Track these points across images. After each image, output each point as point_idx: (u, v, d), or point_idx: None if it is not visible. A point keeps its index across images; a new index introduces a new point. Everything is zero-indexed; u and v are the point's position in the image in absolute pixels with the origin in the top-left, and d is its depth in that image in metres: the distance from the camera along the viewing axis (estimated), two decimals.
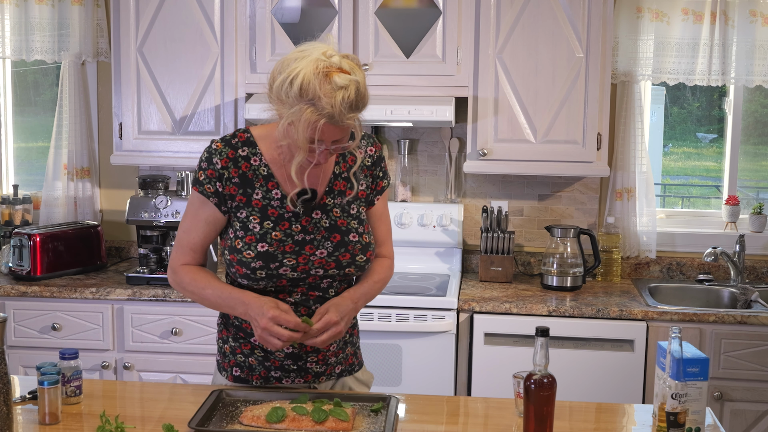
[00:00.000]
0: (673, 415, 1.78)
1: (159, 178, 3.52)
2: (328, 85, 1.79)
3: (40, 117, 4.15)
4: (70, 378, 2.00)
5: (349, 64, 1.84)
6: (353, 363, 2.17)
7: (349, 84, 1.80)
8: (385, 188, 2.14)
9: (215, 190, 1.98)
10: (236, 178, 1.98)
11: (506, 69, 3.39)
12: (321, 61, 1.81)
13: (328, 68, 1.80)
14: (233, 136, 2.00)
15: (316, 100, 1.79)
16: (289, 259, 1.97)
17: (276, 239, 1.97)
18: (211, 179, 1.97)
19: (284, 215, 1.99)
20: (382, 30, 3.41)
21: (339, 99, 1.79)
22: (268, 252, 1.96)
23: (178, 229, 2.08)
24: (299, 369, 2.07)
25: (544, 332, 1.75)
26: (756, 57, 3.56)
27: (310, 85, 1.79)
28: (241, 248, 1.97)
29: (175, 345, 3.32)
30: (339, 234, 2.01)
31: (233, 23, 3.47)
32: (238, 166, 1.98)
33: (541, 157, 3.42)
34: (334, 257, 2.00)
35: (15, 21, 3.79)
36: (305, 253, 1.98)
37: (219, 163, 1.97)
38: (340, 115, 1.80)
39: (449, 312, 3.20)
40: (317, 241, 1.99)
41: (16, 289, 3.34)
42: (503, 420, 1.99)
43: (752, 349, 3.14)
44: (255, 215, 1.98)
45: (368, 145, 2.09)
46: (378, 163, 2.11)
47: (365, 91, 1.85)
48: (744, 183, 3.87)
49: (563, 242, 3.51)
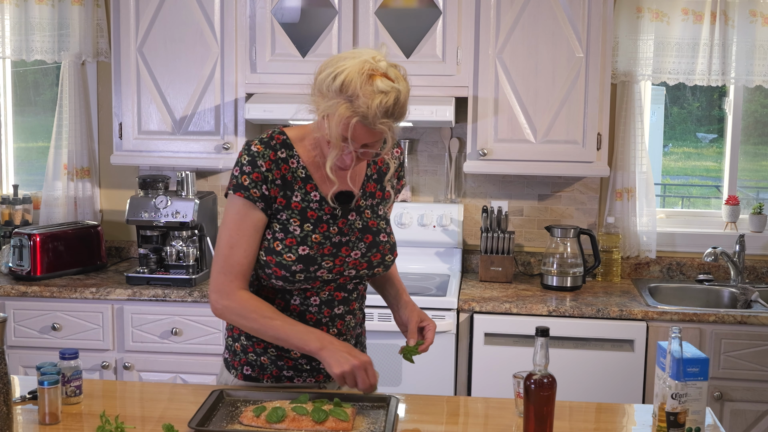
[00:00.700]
0: (673, 415, 1.78)
1: (159, 178, 3.52)
2: (369, 87, 1.80)
3: (40, 117, 4.15)
4: (70, 378, 2.00)
5: (395, 73, 1.85)
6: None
7: (390, 90, 1.81)
8: (402, 189, 2.22)
9: (261, 194, 1.94)
10: (279, 180, 1.96)
11: (506, 69, 3.39)
12: (368, 63, 1.82)
13: (374, 71, 1.82)
14: (270, 138, 1.97)
15: (354, 98, 1.80)
16: (327, 261, 1.98)
17: (316, 242, 1.97)
18: (257, 183, 1.93)
19: (323, 217, 1.99)
20: (382, 30, 3.41)
21: (376, 102, 1.79)
22: (308, 255, 1.96)
23: (217, 244, 1.98)
24: (312, 369, 2.07)
25: (544, 332, 1.75)
26: (756, 57, 3.56)
27: (352, 83, 1.80)
28: (281, 250, 1.95)
29: (175, 345, 3.32)
30: (371, 235, 2.04)
31: (233, 23, 3.47)
32: (279, 168, 1.96)
33: (541, 157, 3.42)
34: (367, 258, 2.03)
35: (15, 21, 3.79)
36: (341, 254, 2.00)
37: (264, 166, 1.94)
38: (374, 118, 1.80)
39: (449, 312, 3.20)
40: (352, 243, 2.01)
41: (16, 289, 3.34)
42: (503, 420, 1.99)
43: (752, 349, 3.14)
44: (295, 218, 1.97)
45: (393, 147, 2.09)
46: (402, 165, 2.19)
47: (405, 102, 1.85)
48: (744, 183, 3.87)
49: (563, 242, 3.51)
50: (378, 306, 3.19)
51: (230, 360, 2.12)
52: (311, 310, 2.02)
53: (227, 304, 1.95)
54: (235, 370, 2.10)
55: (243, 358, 2.09)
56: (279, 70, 3.45)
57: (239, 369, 2.09)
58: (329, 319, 2.04)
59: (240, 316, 1.95)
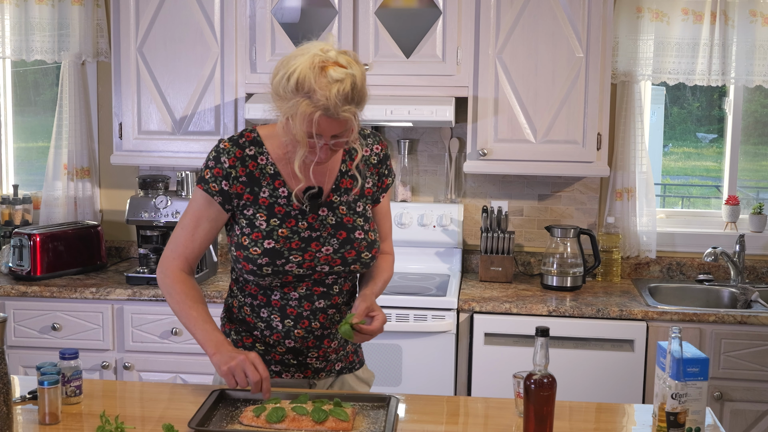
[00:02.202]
0: (673, 415, 1.78)
1: (159, 178, 3.52)
2: (323, 79, 1.81)
3: (40, 117, 4.15)
4: (70, 378, 2.00)
5: (346, 59, 1.86)
6: (354, 361, 2.20)
7: (345, 77, 1.82)
8: (390, 185, 2.18)
9: (220, 189, 2.00)
10: (243, 176, 2.00)
11: (506, 69, 3.39)
12: (317, 56, 1.83)
13: (324, 62, 1.83)
14: (240, 135, 2.03)
15: (312, 93, 1.82)
16: (295, 255, 1.99)
17: (282, 236, 1.99)
18: (217, 178, 2.00)
19: (291, 213, 2.01)
20: (382, 30, 3.41)
21: (334, 91, 1.81)
22: (274, 249, 1.98)
23: (176, 226, 2.09)
24: (299, 364, 2.09)
25: (544, 332, 1.75)
26: (756, 57, 3.56)
27: (306, 79, 1.81)
28: (248, 245, 1.99)
29: (175, 345, 3.32)
30: (345, 231, 2.04)
31: (233, 23, 3.47)
32: (245, 165, 2.00)
33: (541, 157, 3.42)
34: (340, 254, 2.03)
35: (15, 21, 3.79)
36: (311, 249, 2.00)
37: (227, 162, 1.99)
38: (335, 107, 1.82)
39: (449, 312, 3.20)
40: (323, 238, 2.02)
41: (16, 289, 3.34)
42: (503, 420, 1.99)
43: (752, 349, 3.14)
44: (262, 213, 2.01)
45: (375, 143, 2.12)
46: (384, 162, 2.14)
47: (362, 85, 1.86)
48: (744, 183, 3.87)
49: (563, 242, 3.51)
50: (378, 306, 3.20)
51: None
52: (291, 304, 2.04)
53: (162, 279, 2.06)
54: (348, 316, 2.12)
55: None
56: None
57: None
58: (310, 312, 2.05)
59: (168, 294, 2.05)
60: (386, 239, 2.23)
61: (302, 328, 2.05)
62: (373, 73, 3.40)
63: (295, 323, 2.05)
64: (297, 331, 2.05)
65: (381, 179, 2.14)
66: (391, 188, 2.22)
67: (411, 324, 3.20)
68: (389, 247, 2.25)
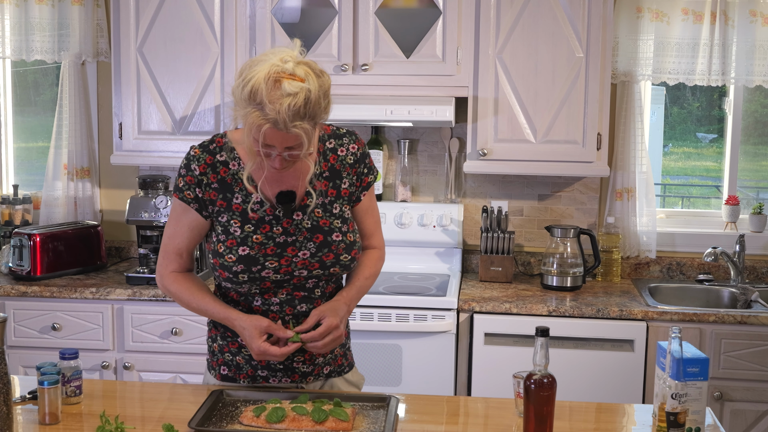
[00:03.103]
0: (673, 415, 1.78)
1: (159, 178, 3.52)
2: (277, 91, 1.77)
3: (40, 117, 4.15)
4: (70, 378, 2.00)
5: (305, 71, 1.81)
6: (342, 364, 2.17)
7: (299, 92, 1.77)
8: (372, 183, 2.13)
9: (195, 196, 2.00)
10: (215, 183, 1.99)
11: (506, 69, 3.39)
12: (275, 66, 1.79)
13: (280, 74, 1.78)
14: (211, 141, 2.02)
15: (263, 105, 1.78)
16: (271, 261, 1.97)
17: (257, 242, 1.97)
18: (191, 185, 1.99)
19: (264, 218, 1.99)
20: (382, 30, 3.41)
21: (285, 106, 1.76)
22: (249, 255, 1.97)
23: (162, 235, 2.10)
24: (286, 368, 2.08)
25: (544, 332, 1.75)
26: (756, 57, 3.56)
27: (259, 90, 1.78)
28: (223, 252, 1.98)
29: (175, 345, 3.32)
30: (322, 234, 2.01)
31: (233, 23, 3.47)
32: (216, 171, 1.99)
33: (541, 157, 3.42)
34: (318, 258, 2.01)
35: (15, 21, 3.79)
36: (287, 255, 1.99)
37: (197, 170, 1.99)
38: (285, 122, 1.78)
39: (449, 312, 3.20)
40: (299, 243, 1.99)
41: (16, 289, 3.34)
42: (503, 420, 1.99)
43: (752, 349, 3.14)
44: (236, 219, 1.99)
45: (351, 142, 2.08)
46: (362, 160, 2.09)
47: (318, 100, 1.81)
48: (744, 183, 3.87)
49: (563, 242, 3.51)
50: (378, 306, 3.21)
51: (210, 360, 2.16)
52: (273, 309, 2.03)
53: (161, 286, 2.10)
54: (213, 370, 2.13)
55: (220, 358, 2.11)
56: None
57: (217, 369, 2.12)
58: (292, 316, 2.04)
59: (173, 297, 2.09)
60: (373, 234, 2.19)
61: None
62: (373, 73, 3.40)
63: None
64: None
65: (360, 178, 2.10)
66: (376, 186, 2.19)
67: (411, 324, 3.20)
68: (377, 241, 2.21)
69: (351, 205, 2.10)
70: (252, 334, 1.93)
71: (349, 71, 3.42)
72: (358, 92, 3.43)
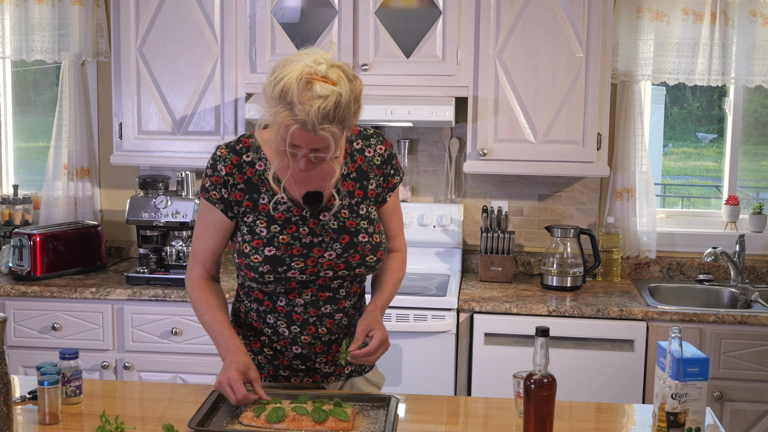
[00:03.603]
0: (673, 415, 1.78)
1: (159, 178, 3.52)
2: (308, 93, 1.76)
3: (40, 117, 4.15)
4: (70, 378, 2.00)
5: (338, 74, 1.80)
6: (363, 364, 2.15)
7: (330, 95, 1.77)
8: (397, 184, 2.13)
9: (221, 197, 1.99)
10: (242, 183, 1.98)
11: (506, 69, 3.39)
12: (308, 68, 1.78)
13: (312, 75, 1.78)
14: (238, 141, 2.01)
15: (293, 105, 1.77)
16: (297, 262, 1.97)
17: (283, 243, 1.97)
18: (216, 186, 1.99)
19: (291, 218, 1.99)
20: (382, 30, 3.41)
21: (315, 108, 1.76)
22: (275, 256, 1.96)
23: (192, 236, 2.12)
24: (308, 369, 2.08)
25: (544, 332, 1.75)
26: (756, 57, 3.56)
27: (290, 90, 1.77)
28: (249, 252, 1.97)
29: (175, 345, 3.32)
30: (348, 235, 2.01)
31: (233, 23, 3.47)
32: (243, 172, 1.98)
33: (541, 157, 3.42)
34: (343, 258, 2.00)
35: (15, 21, 3.79)
36: (314, 255, 1.98)
37: (223, 170, 1.98)
38: (313, 124, 1.77)
39: (449, 312, 3.20)
40: (326, 243, 1.99)
41: (16, 289, 3.34)
42: (503, 420, 1.99)
43: (752, 349, 3.14)
44: (262, 219, 1.99)
45: (378, 143, 2.07)
46: (389, 161, 2.09)
47: (348, 104, 1.80)
48: (744, 183, 3.87)
49: (563, 242, 3.51)
50: None
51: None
52: (297, 311, 2.03)
53: (188, 285, 2.10)
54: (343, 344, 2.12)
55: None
56: None
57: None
58: (316, 318, 2.03)
59: (190, 300, 2.10)
60: (397, 237, 2.18)
61: (309, 334, 2.04)
62: (373, 73, 3.40)
63: (301, 329, 2.03)
64: (304, 338, 2.04)
65: (387, 179, 2.09)
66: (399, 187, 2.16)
67: (411, 324, 3.20)
68: (401, 244, 2.21)
69: (377, 206, 2.10)
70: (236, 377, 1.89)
71: None
72: None
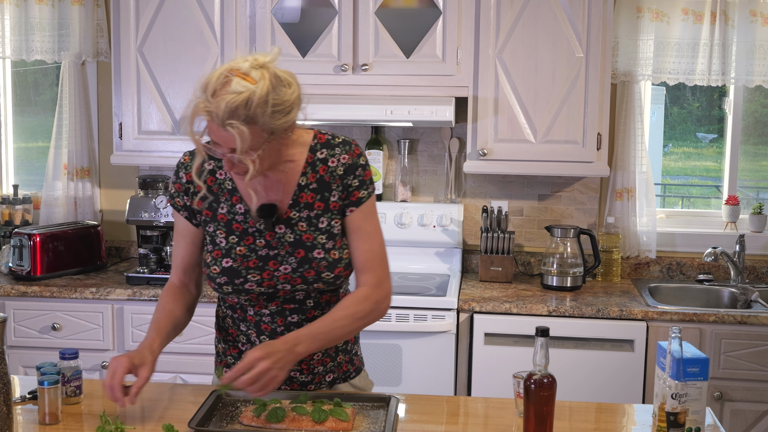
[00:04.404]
0: (673, 415, 1.78)
1: (159, 178, 3.52)
2: (225, 87, 1.75)
3: (40, 117, 4.15)
4: (70, 378, 2.00)
5: (261, 74, 1.76)
6: (348, 370, 2.12)
7: (243, 92, 1.73)
8: (363, 200, 1.97)
9: (184, 204, 2.00)
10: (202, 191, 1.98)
11: (506, 69, 3.39)
12: (233, 63, 1.78)
13: (233, 71, 1.76)
14: None
15: (208, 96, 1.76)
16: (254, 274, 1.95)
17: (240, 254, 1.95)
18: (179, 193, 2.00)
19: (248, 230, 1.96)
20: (382, 30, 3.41)
21: (225, 101, 1.74)
22: (232, 267, 1.95)
23: None
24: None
25: (544, 332, 1.75)
26: (756, 57, 3.56)
27: (210, 83, 1.77)
28: (210, 262, 1.97)
29: (175, 345, 3.28)
30: (303, 250, 1.94)
31: (233, 23, 3.47)
32: (203, 180, 1.97)
33: (541, 157, 3.42)
34: (299, 273, 1.94)
35: (15, 21, 3.79)
36: (269, 268, 1.95)
37: (184, 177, 1.99)
38: (219, 118, 1.75)
39: (449, 312, 3.20)
40: (281, 257, 1.95)
41: (16, 289, 3.34)
42: (503, 420, 1.99)
43: (752, 349, 3.14)
44: (221, 230, 1.97)
45: (342, 153, 1.96)
46: (351, 172, 1.95)
47: (262, 105, 1.75)
48: (744, 183, 3.87)
49: (563, 242, 3.51)
50: None
51: (216, 360, 2.16)
52: (264, 320, 2.00)
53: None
54: (218, 370, 2.11)
55: (224, 360, 2.12)
56: None
57: (221, 370, 2.10)
58: (284, 327, 1.99)
59: None
60: (366, 269, 1.96)
61: None
62: (373, 73, 3.40)
63: (270, 339, 1.99)
64: None
65: (347, 190, 1.95)
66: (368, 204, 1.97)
67: (411, 324, 3.20)
68: (370, 278, 1.96)
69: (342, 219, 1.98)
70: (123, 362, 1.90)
71: (349, 71, 3.42)
72: (358, 92, 3.43)
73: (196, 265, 2.08)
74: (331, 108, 3.35)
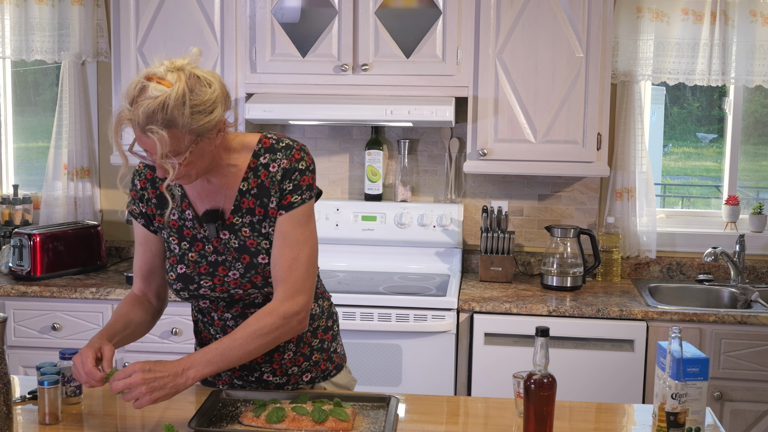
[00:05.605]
0: (673, 415, 1.78)
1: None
2: (143, 93, 1.75)
3: (40, 117, 4.15)
4: (70, 378, 2.00)
5: (177, 76, 1.76)
6: (327, 368, 2.11)
7: (159, 96, 1.73)
8: (295, 205, 1.90)
9: (140, 211, 2.01)
10: (154, 198, 1.99)
11: (506, 69, 3.39)
12: (151, 69, 1.78)
13: (150, 77, 1.76)
14: None
15: (128, 104, 1.76)
16: (206, 280, 1.95)
17: (192, 260, 1.96)
18: (135, 200, 2.02)
19: (197, 236, 1.96)
20: (382, 30, 3.41)
21: (143, 107, 1.73)
22: (185, 274, 1.96)
23: None
24: (257, 380, 2.05)
25: (544, 332, 1.75)
26: (756, 57, 3.56)
27: (129, 91, 1.77)
28: (168, 269, 1.99)
29: (175, 345, 3.32)
30: (248, 255, 1.93)
31: (233, 23, 3.47)
32: (155, 187, 1.98)
33: (541, 157, 3.42)
34: (247, 278, 1.94)
35: (15, 21, 3.79)
36: (219, 274, 1.95)
37: (138, 184, 2.01)
38: (140, 125, 1.74)
39: (449, 312, 3.20)
40: (228, 262, 1.94)
41: (16, 289, 3.34)
42: (503, 420, 1.99)
43: (752, 349, 3.14)
44: (173, 236, 1.98)
45: (284, 158, 1.92)
46: (288, 176, 1.91)
47: (178, 106, 1.74)
48: (744, 183, 3.87)
49: (563, 242, 3.51)
50: (378, 306, 3.21)
51: None
52: (229, 324, 2.01)
53: None
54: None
55: None
56: (279, 70, 3.45)
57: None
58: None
59: None
60: (284, 280, 1.88)
61: None
62: (373, 73, 3.40)
63: None
64: None
65: (282, 194, 1.91)
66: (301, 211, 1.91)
67: (411, 324, 3.20)
68: (284, 291, 1.88)
69: None
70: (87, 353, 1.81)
71: (349, 71, 3.42)
72: (358, 92, 3.43)
73: (155, 274, 2.06)
74: (331, 108, 3.35)
